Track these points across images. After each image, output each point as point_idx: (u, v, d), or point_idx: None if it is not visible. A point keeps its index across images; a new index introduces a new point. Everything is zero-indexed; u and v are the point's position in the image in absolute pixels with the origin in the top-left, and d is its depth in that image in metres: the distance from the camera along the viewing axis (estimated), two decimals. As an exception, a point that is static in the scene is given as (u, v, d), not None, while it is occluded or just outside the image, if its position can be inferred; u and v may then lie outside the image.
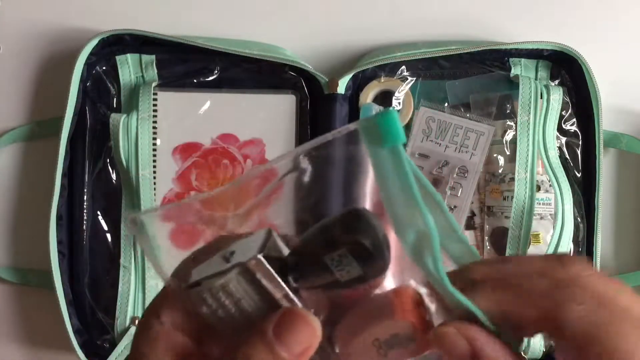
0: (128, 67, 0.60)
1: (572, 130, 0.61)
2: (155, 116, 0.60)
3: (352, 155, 0.26)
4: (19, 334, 0.65)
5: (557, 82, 0.61)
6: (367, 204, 0.28)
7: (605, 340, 0.25)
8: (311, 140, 0.25)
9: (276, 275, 0.26)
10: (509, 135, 0.60)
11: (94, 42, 0.58)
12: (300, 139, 0.61)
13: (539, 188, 0.59)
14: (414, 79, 0.61)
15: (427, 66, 0.61)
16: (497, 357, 0.26)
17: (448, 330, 0.27)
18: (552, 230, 0.59)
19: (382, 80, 0.61)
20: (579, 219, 0.61)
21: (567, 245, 0.59)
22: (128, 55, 0.60)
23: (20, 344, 0.65)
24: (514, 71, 0.61)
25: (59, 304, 0.58)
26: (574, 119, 0.61)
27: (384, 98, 0.61)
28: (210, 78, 0.61)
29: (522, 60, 0.61)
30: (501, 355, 0.27)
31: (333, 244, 0.26)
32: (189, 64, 0.61)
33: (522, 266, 0.28)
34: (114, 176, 0.61)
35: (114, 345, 0.59)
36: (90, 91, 0.60)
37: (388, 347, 0.27)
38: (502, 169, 0.60)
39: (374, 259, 0.26)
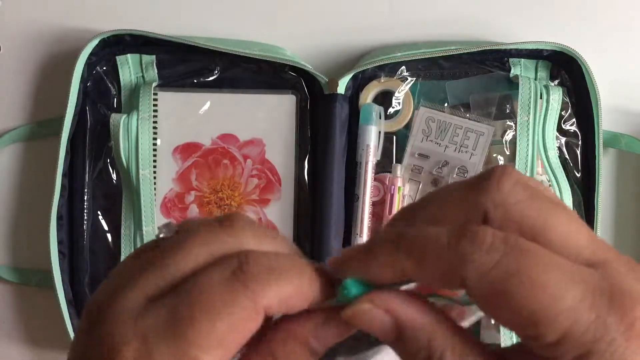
0: (128, 67, 0.60)
1: (572, 130, 0.61)
2: (155, 116, 0.60)
3: None
4: (19, 334, 0.65)
5: (556, 82, 0.61)
6: None
7: (517, 298, 0.21)
8: None
9: None
10: (508, 136, 0.60)
11: (95, 42, 0.58)
12: (300, 139, 0.61)
13: (538, 188, 0.59)
14: (414, 79, 0.61)
15: (427, 66, 0.61)
16: (424, 324, 0.23)
17: (362, 307, 0.23)
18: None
19: (382, 80, 0.61)
20: (578, 219, 0.61)
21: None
22: (128, 55, 0.60)
23: (20, 344, 0.65)
24: (514, 71, 0.61)
25: (59, 304, 0.58)
26: (574, 119, 0.61)
27: (384, 98, 0.61)
28: (210, 78, 0.61)
29: (522, 60, 0.61)
30: (428, 321, 0.23)
31: None
32: (189, 64, 0.61)
33: (433, 208, 0.24)
34: (114, 176, 0.61)
35: (114, 345, 0.59)
36: (90, 91, 0.60)
37: None
38: (502, 169, 0.60)
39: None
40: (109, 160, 0.61)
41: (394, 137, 0.61)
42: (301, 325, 0.24)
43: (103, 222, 0.61)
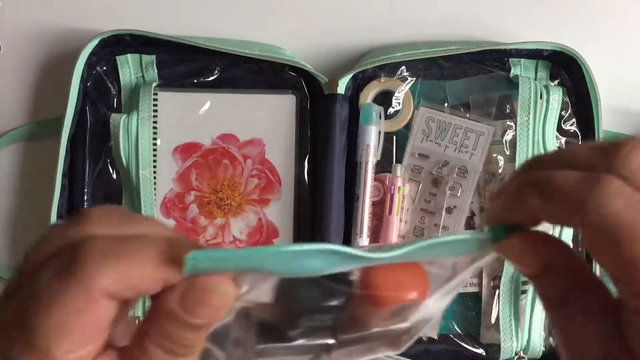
0: (128, 67, 0.60)
1: (572, 131, 0.61)
2: (155, 116, 0.60)
3: None
4: (19, 333, 0.65)
5: (556, 82, 0.61)
6: None
7: (625, 244, 0.23)
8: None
9: None
10: (508, 136, 0.60)
11: (95, 42, 0.58)
12: (300, 139, 0.61)
13: (538, 188, 0.59)
14: (414, 79, 0.61)
15: (427, 66, 0.61)
16: (563, 269, 0.26)
17: (513, 241, 0.27)
18: (552, 229, 0.59)
19: (382, 80, 0.61)
20: (578, 219, 0.61)
21: (566, 245, 0.59)
22: (128, 55, 0.60)
23: (21, 343, 0.65)
24: (514, 71, 0.61)
25: (59, 303, 0.58)
26: (574, 119, 0.61)
27: (384, 98, 0.61)
28: (210, 78, 0.61)
29: (522, 60, 0.61)
30: (567, 267, 0.26)
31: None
32: (189, 64, 0.61)
33: (564, 159, 0.26)
34: (114, 176, 0.61)
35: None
36: (90, 91, 0.60)
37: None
38: (502, 169, 0.60)
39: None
40: (109, 160, 0.61)
41: (394, 137, 0.61)
42: (165, 298, 0.24)
43: (103, 222, 0.61)
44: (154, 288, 0.24)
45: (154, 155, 0.60)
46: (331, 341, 0.29)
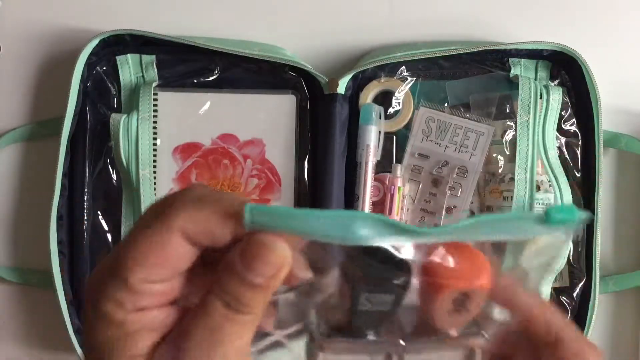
0: (128, 67, 0.60)
1: (572, 130, 0.61)
2: (155, 116, 0.60)
3: None
4: (19, 334, 0.65)
5: (556, 82, 0.61)
6: None
7: None
8: None
9: None
10: (508, 135, 0.60)
11: (95, 42, 0.58)
12: (300, 139, 0.61)
13: (538, 188, 0.59)
14: (414, 79, 0.61)
15: (427, 66, 0.61)
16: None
17: None
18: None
19: (382, 81, 0.61)
20: (578, 219, 0.61)
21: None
22: (128, 55, 0.60)
23: (20, 344, 0.65)
24: (514, 71, 0.61)
25: (59, 303, 0.58)
26: (574, 119, 0.61)
27: (384, 98, 0.61)
28: (210, 78, 0.61)
29: (522, 60, 0.61)
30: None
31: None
32: (189, 64, 0.61)
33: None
34: (114, 176, 0.61)
35: (114, 345, 0.59)
36: (90, 91, 0.60)
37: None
38: (501, 169, 0.60)
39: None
40: (109, 160, 0.61)
41: (394, 137, 0.61)
42: (231, 253, 0.26)
43: (103, 222, 0.61)
44: (223, 237, 0.26)
45: (154, 155, 0.60)
46: (401, 342, 0.29)
